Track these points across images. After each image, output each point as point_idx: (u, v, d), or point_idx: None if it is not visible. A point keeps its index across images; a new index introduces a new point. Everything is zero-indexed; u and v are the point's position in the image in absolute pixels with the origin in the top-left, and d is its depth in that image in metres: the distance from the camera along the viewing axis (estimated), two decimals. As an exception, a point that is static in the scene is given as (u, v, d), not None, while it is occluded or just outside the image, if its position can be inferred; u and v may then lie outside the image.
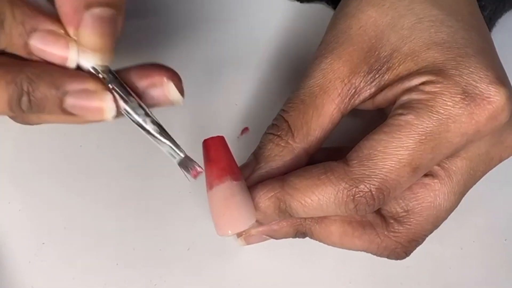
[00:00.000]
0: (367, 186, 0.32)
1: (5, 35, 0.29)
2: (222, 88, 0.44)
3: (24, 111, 0.30)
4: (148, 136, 0.32)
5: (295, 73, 0.44)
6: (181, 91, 0.32)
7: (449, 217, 0.36)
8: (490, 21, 0.43)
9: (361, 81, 0.34)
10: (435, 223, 0.36)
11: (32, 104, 0.30)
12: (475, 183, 0.36)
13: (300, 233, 0.37)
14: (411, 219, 0.35)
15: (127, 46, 0.41)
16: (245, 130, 0.43)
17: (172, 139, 0.32)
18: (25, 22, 0.30)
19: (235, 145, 0.42)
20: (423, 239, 0.36)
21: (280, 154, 0.35)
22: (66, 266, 0.40)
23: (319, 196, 0.33)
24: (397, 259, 0.37)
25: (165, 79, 0.31)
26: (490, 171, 0.37)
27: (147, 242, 0.41)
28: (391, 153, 0.32)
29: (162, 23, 0.44)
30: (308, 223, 0.36)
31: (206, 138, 0.34)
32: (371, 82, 0.34)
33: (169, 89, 0.31)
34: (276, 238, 0.37)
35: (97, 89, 0.30)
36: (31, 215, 0.41)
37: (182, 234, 0.41)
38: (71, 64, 0.30)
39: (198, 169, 0.33)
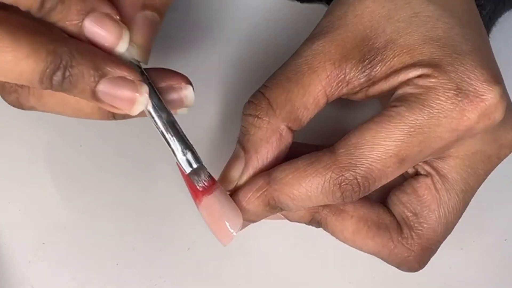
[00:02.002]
0: (353, 174, 0.32)
1: (63, 9, 0.29)
2: (222, 88, 0.44)
3: (53, 85, 0.29)
4: (165, 141, 0.32)
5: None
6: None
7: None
8: (490, 20, 0.43)
9: (351, 69, 0.34)
10: (447, 226, 0.36)
11: (65, 80, 0.29)
12: (479, 182, 0.36)
13: (315, 221, 0.37)
14: (422, 223, 0.35)
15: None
16: (245, 130, 0.43)
17: (192, 146, 0.33)
18: (86, 0, 0.29)
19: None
20: (437, 247, 0.36)
21: (264, 138, 0.35)
22: (66, 266, 0.40)
23: (306, 187, 0.33)
24: (409, 270, 0.36)
25: (183, 83, 0.32)
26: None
27: (147, 242, 0.41)
28: (378, 143, 0.32)
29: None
30: (325, 213, 0.36)
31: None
32: (362, 72, 0.34)
33: (186, 94, 0.32)
34: (290, 220, 0.37)
35: (135, 79, 0.30)
36: (31, 215, 0.41)
37: (182, 234, 0.41)
38: (120, 50, 0.30)
39: (206, 183, 0.33)
